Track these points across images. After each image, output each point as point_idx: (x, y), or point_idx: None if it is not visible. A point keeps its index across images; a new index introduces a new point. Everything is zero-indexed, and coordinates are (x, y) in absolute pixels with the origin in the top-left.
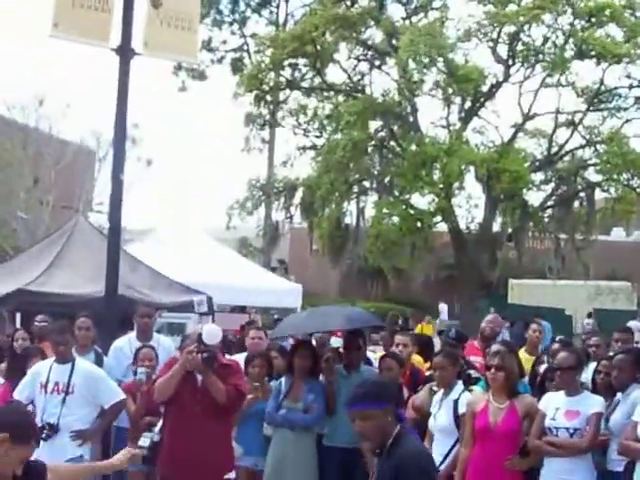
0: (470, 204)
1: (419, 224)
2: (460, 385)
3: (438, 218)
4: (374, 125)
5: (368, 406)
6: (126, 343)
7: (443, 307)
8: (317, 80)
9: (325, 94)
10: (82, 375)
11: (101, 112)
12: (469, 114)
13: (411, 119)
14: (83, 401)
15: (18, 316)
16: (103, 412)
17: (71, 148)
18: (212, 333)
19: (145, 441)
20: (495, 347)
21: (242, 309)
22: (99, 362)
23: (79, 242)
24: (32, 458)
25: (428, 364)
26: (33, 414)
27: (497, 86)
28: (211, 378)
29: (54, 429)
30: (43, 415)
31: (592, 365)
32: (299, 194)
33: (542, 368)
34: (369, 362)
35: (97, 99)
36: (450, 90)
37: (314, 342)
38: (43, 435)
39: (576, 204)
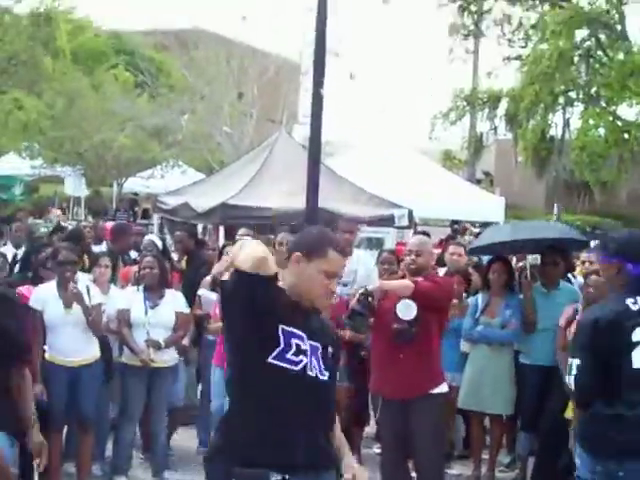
0: None
1: (626, 136)
2: None
3: None
4: (580, 34)
5: None
6: None
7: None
8: None
9: (530, 3)
10: None
11: (306, 26)
12: None
13: (619, 27)
14: None
15: (222, 230)
16: None
17: (274, 61)
18: (407, 309)
19: None
20: None
21: (454, 223)
22: None
23: (281, 156)
24: None
25: None
26: None
27: None
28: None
29: None
30: None
31: None
32: (503, 105)
33: None
34: (569, 281)
35: (303, 14)
36: None
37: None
38: None
39: None
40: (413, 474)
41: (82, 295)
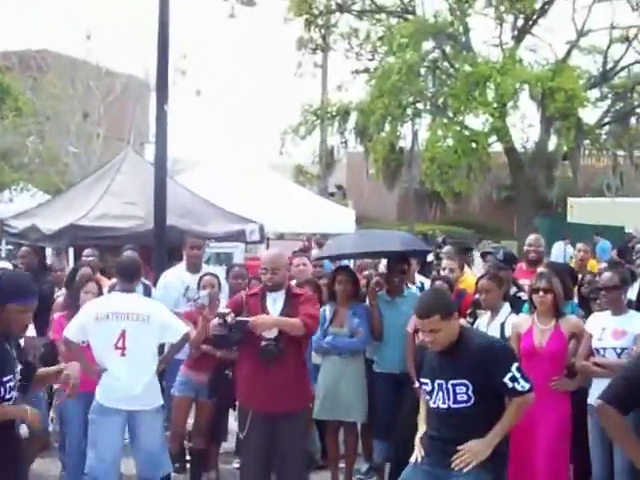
0: (525, 123)
1: (474, 145)
2: (507, 307)
3: (493, 138)
4: (426, 46)
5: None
6: (174, 275)
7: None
8: (368, 2)
9: (376, 16)
10: None
11: (149, 44)
12: (522, 32)
13: (463, 39)
14: None
15: (71, 252)
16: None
17: (121, 80)
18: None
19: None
20: (541, 269)
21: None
22: (147, 295)
23: (129, 174)
24: None
25: None
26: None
27: (550, 2)
28: (283, 325)
29: None
30: None
31: (637, 284)
32: (353, 118)
33: None
34: (423, 288)
35: (145, 32)
36: (502, 8)
37: (352, 266)
38: None
39: (633, 120)
40: None
41: None
